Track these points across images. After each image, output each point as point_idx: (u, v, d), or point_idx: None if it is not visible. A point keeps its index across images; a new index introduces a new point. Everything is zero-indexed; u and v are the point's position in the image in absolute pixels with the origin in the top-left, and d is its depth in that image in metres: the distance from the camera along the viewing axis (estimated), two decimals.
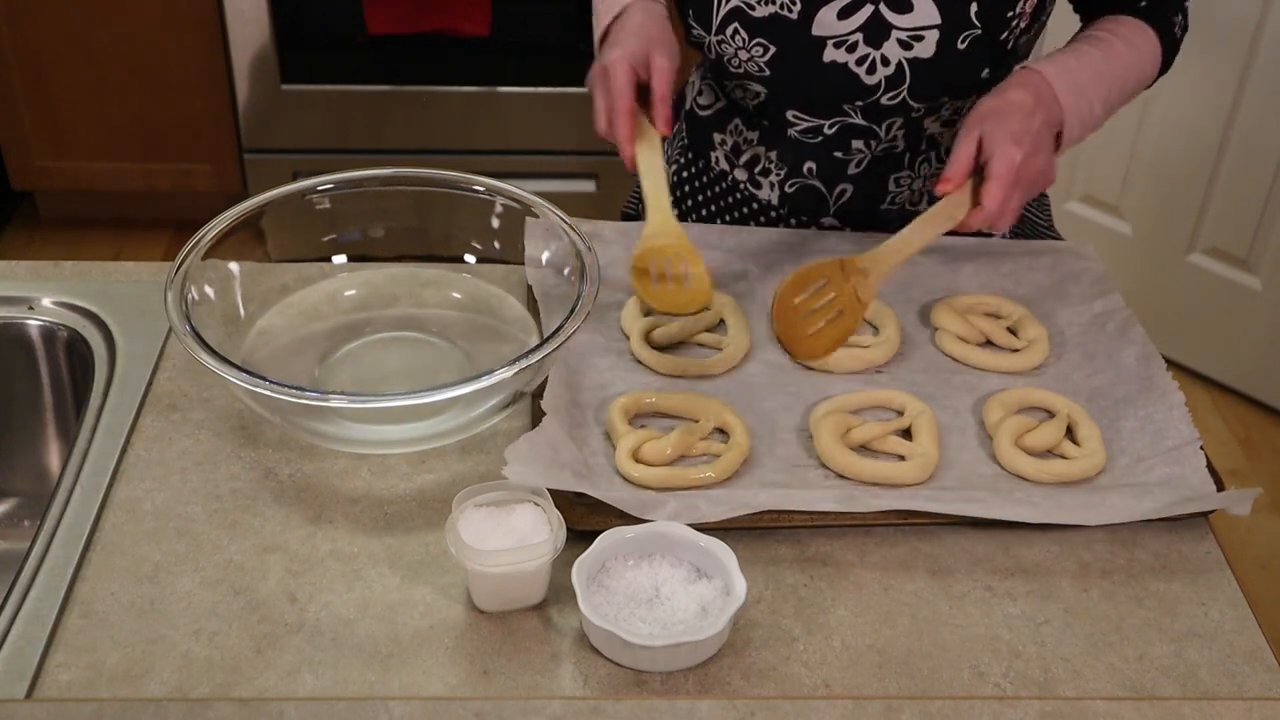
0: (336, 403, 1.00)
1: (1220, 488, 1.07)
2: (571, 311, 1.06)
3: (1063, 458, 1.11)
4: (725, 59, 1.26)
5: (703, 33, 1.25)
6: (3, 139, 2.88)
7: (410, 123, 2.86)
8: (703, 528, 0.97)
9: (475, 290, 1.26)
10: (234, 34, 2.71)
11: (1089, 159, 2.72)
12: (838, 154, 1.31)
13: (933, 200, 1.26)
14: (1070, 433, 1.14)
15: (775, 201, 1.36)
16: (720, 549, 0.95)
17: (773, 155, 1.34)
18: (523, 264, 1.23)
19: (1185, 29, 1.27)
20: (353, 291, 1.25)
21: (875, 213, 1.36)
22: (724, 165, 1.39)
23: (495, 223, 1.27)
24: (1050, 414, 1.16)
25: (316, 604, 0.95)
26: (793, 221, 1.37)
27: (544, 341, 1.03)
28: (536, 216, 1.21)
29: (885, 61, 1.21)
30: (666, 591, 0.94)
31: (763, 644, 0.93)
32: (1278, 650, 0.96)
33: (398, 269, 1.28)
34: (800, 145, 1.31)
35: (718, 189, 1.40)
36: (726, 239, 1.32)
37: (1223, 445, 2.58)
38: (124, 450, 1.08)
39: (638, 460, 1.06)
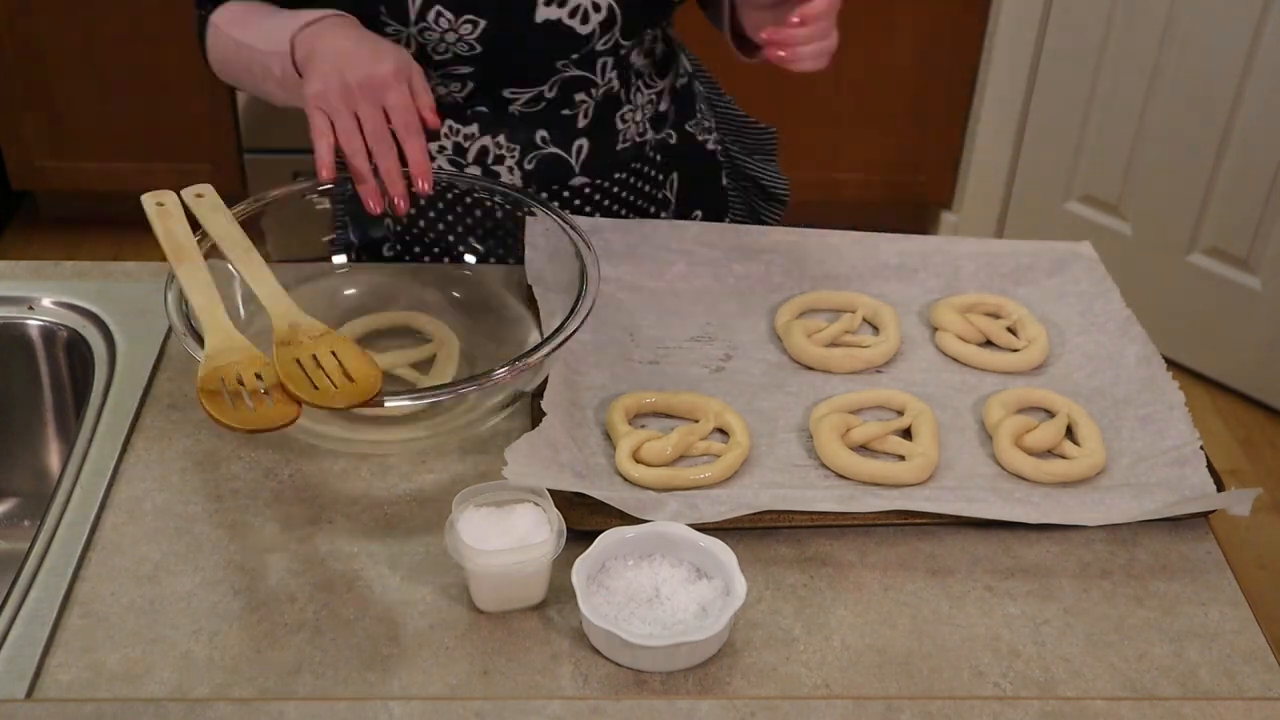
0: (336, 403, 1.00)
1: (1220, 488, 1.07)
2: (571, 311, 1.06)
3: (1063, 458, 1.11)
4: (429, 48, 1.22)
5: (399, 27, 1.21)
6: (3, 139, 2.88)
7: None
8: (703, 528, 0.97)
9: (475, 290, 1.26)
10: None
11: (1089, 159, 2.72)
12: (565, 111, 1.30)
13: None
14: (1070, 433, 1.14)
15: (520, 182, 1.33)
16: (720, 549, 0.95)
17: (501, 139, 1.31)
18: (523, 264, 1.22)
19: None
20: (353, 291, 1.25)
21: (614, 155, 1.36)
22: (450, 170, 1.33)
23: (495, 223, 1.27)
24: (1050, 414, 1.16)
25: (316, 604, 0.95)
26: (544, 195, 1.34)
27: (544, 341, 1.03)
28: (535, 216, 1.21)
29: (596, 8, 1.22)
30: (666, 591, 0.94)
31: (763, 644, 0.93)
32: (1278, 650, 0.96)
33: (398, 269, 1.28)
34: (526, 117, 1.30)
35: (449, 196, 1.32)
36: (724, 237, 1.32)
37: (1223, 445, 2.58)
38: (124, 450, 1.08)
39: (638, 460, 1.06)
